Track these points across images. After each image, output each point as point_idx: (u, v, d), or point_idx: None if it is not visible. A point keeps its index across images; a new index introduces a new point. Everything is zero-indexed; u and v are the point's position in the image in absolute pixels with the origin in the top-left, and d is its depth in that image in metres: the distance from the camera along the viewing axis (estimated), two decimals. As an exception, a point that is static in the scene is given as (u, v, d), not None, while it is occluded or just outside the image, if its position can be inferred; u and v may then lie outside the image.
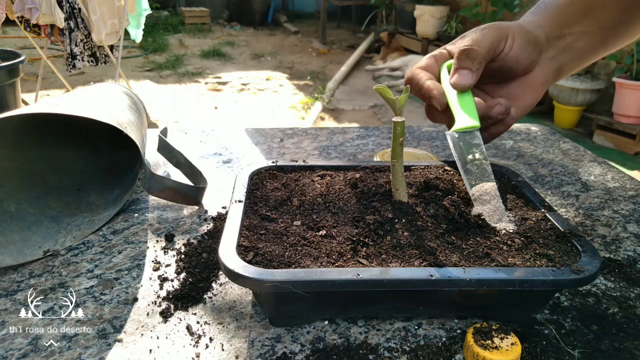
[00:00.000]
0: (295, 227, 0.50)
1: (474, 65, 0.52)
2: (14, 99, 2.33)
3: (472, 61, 0.52)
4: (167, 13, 7.24)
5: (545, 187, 0.79)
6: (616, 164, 1.49)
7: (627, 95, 3.17)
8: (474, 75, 0.52)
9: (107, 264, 0.58)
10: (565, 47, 0.57)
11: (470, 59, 0.52)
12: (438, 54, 0.58)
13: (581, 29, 0.57)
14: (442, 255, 0.46)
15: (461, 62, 0.52)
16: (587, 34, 0.57)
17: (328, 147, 0.93)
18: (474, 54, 0.52)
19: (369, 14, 6.59)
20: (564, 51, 0.57)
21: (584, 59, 0.60)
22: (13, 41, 4.81)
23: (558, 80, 0.60)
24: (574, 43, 0.57)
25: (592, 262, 0.45)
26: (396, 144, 0.51)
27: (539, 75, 0.56)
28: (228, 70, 5.10)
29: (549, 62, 0.57)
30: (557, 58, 0.57)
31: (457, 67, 0.53)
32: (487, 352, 0.42)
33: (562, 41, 0.57)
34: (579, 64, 0.60)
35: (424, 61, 0.58)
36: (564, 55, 0.57)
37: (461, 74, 0.52)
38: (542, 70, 0.57)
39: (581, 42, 0.57)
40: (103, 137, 0.76)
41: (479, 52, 0.52)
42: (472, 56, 0.52)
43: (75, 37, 2.82)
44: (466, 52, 0.52)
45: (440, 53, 0.59)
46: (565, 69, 0.59)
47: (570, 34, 0.57)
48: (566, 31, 0.57)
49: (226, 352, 0.45)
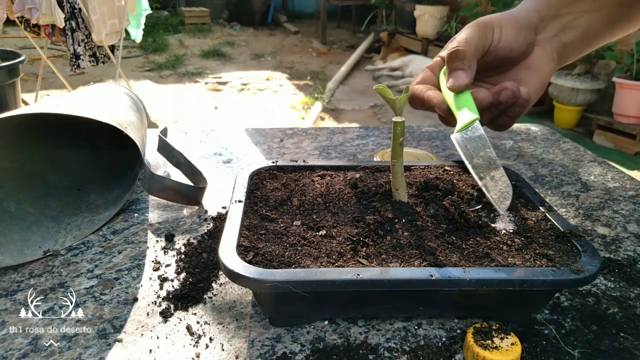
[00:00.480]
0: (295, 227, 0.50)
1: (465, 64, 0.53)
2: (14, 99, 2.33)
3: (461, 61, 0.53)
4: (167, 13, 7.24)
5: (545, 187, 0.79)
6: (616, 164, 1.50)
7: (627, 95, 3.17)
8: (468, 74, 0.53)
9: (107, 264, 0.58)
10: (565, 25, 0.57)
11: (459, 59, 0.53)
12: (433, 64, 0.59)
13: (580, 8, 0.57)
14: (442, 255, 0.46)
15: (452, 65, 0.53)
16: (589, 12, 0.57)
17: (328, 147, 0.93)
18: (461, 54, 0.53)
19: (369, 14, 6.59)
20: (565, 29, 0.57)
21: (591, 39, 0.59)
22: (13, 41, 4.81)
23: (568, 60, 0.60)
24: (574, 21, 0.57)
25: (592, 262, 0.45)
26: (396, 144, 0.51)
27: (541, 56, 0.56)
28: (228, 70, 5.10)
29: (550, 40, 0.57)
30: (558, 36, 0.57)
31: (450, 70, 0.54)
32: (487, 352, 0.42)
33: (560, 20, 0.57)
34: (587, 42, 0.59)
35: (420, 76, 0.59)
36: (565, 34, 0.57)
37: (454, 76, 0.53)
38: (544, 50, 0.57)
39: (582, 20, 0.57)
40: (103, 137, 0.76)
41: (467, 51, 0.52)
42: (461, 56, 0.52)
43: (77, 37, 2.83)
44: (454, 53, 0.53)
45: (435, 62, 0.59)
46: (571, 48, 0.58)
47: (569, 13, 0.57)
48: (563, 10, 0.57)
49: (226, 352, 0.45)
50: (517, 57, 0.56)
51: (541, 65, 0.56)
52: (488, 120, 0.55)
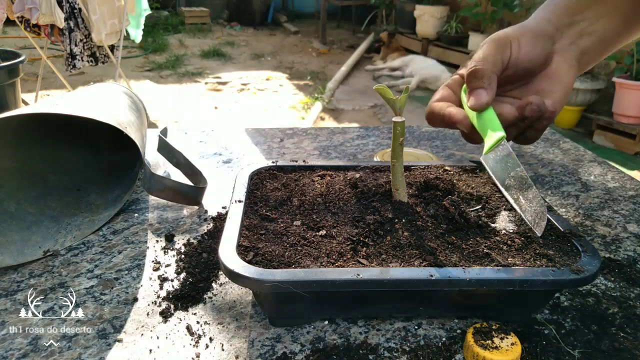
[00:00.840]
0: (295, 227, 0.50)
1: (485, 82, 0.53)
2: (14, 99, 2.33)
3: (480, 79, 0.52)
4: (167, 13, 7.24)
5: (545, 187, 0.79)
6: (616, 164, 1.50)
7: (627, 95, 3.17)
8: (488, 92, 0.53)
9: (107, 264, 0.58)
10: (581, 32, 0.57)
11: (478, 78, 0.53)
12: (451, 82, 0.59)
13: (594, 14, 0.57)
14: (442, 255, 0.46)
15: (472, 84, 0.53)
16: (603, 16, 0.57)
17: (328, 147, 0.93)
18: (480, 72, 0.52)
19: (369, 14, 6.59)
20: (582, 36, 0.57)
21: (610, 42, 0.59)
22: (13, 41, 4.81)
23: (588, 66, 0.60)
24: (589, 27, 0.57)
25: (592, 262, 0.45)
26: (396, 144, 0.51)
27: (561, 64, 0.56)
28: (228, 70, 5.10)
29: (568, 48, 0.57)
30: (575, 43, 0.57)
31: (470, 89, 0.54)
32: (487, 352, 0.42)
33: (575, 27, 0.57)
34: (605, 46, 0.59)
35: (439, 93, 0.59)
36: (583, 40, 0.57)
37: (475, 94, 0.53)
38: (563, 59, 0.56)
39: (598, 25, 0.57)
40: (103, 137, 0.76)
41: (486, 69, 0.52)
42: (480, 75, 0.52)
43: (74, 37, 2.82)
44: (473, 73, 0.53)
45: (453, 81, 0.59)
46: (590, 54, 0.58)
47: (583, 20, 0.57)
48: (578, 18, 0.57)
49: (226, 352, 0.45)
50: (537, 67, 0.56)
51: (562, 74, 0.56)
52: (514, 135, 0.55)
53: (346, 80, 4.84)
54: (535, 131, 0.55)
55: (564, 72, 0.56)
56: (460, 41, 4.99)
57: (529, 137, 0.55)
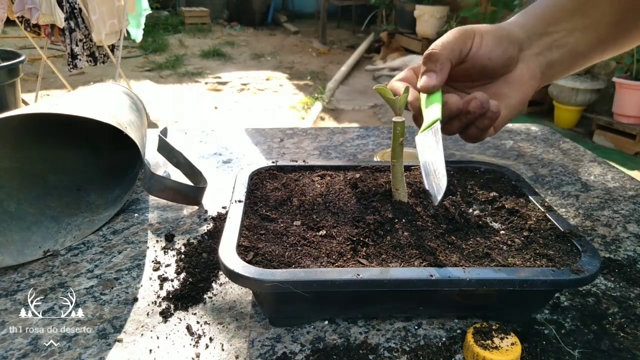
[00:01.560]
0: (295, 227, 0.50)
1: (437, 66, 0.54)
2: (14, 99, 2.33)
3: (434, 63, 0.54)
4: (167, 13, 7.24)
5: (545, 187, 0.79)
6: (616, 164, 1.50)
7: (627, 95, 3.17)
8: (438, 76, 0.54)
9: (107, 264, 0.58)
10: (551, 43, 0.57)
11: (432, 62, 0.54)
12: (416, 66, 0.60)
13: (569, 26, 0.56)
14: (442, 255, 0.46)
15: (426, 66, 0.55)
16: (578, 30, 0.56)
17: (328, 147, 0.93)
18: (435, 56, 0.54)
19: (369, 14, 6.59)
20: (551, 47, 0.57)
21: (579, 58, 0.59)
22: (13, 41, 4.81)
23: (553, 79, 0.60)
24: (562, 39, 0.57)
25: (592, 262, 0.45)
26: (396, 144, 0.51)
27: (524, 72, 0.56)
28: (228, 70, 5.10)
29: (534, 58, 0.57)
30: (543, 54, 0.57)
31: (422, 71, 0.55)
32: (487, 352, 0.42)
33: (547, 37, 0.57)
34: (574, 61, 0.59)
35: (401, 74, 0.59)
36: (552, 52, 0.57)
37: (425, 76, 0.54)
38: (527, 67, 0.57)
39: (572, 38, 0.57)
40: (103, 137, 0.76)
41: (441, 54, 0.54)
42: (434, 58, 0.54)
43: (75, 37, 2.83)
44: (429, 56, 0.55)
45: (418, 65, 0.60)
46: (557, 67, 0.58)
47: (557, 31, 0.56)
48: (552, 29, 0.57)
49: (226, 352, 0.45)
50: (497, 69, 0.56)
51: (522, 82, 0.56)
52: (458, 129, 0.55)
53: (346, 80, 4.84)
54: (478, 129, 0.55)
55: (525, 81, 0.56)
56: (460, 41, 4.99)
57: (471, 134, 0.55)
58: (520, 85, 0.56)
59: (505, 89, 0.56)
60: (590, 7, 0.56)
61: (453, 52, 0.54)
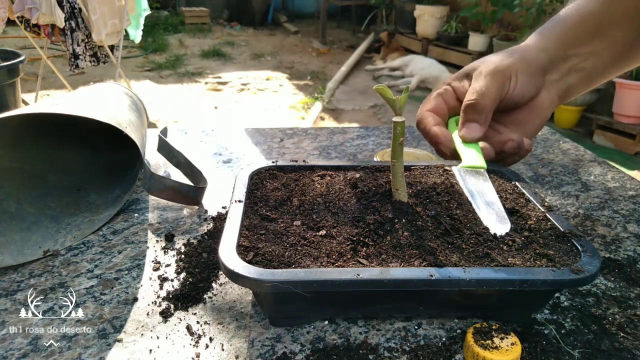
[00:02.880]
0: (295, 227, 0.50)
1: (482, 118, 0.54)
2: (14, 99, 2.33)
3: (479, 115, 0.53)
4: (167, 13, 7.24)
5: (545, 187, 0.79)
6: (616, 164, 1.49)
7: (627, 95, 3.17)
8: (482, 128, 0.54)
9: (107, 264, 0.58)
10: (571, 68, 0.57)
11: (477, 113, 0.53)
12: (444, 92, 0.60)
13: (589, 50, 0.56)
14: (442, 255, 0.46)
15: (469, 116, 0.54)
16: (596, 54, 0.56)
17: (328, 147, 0.93)
18: (480, 107, 0.53)
19: (369, 14, 6.59)
20: (570, 72, 0.57)
21: (594, 79, 0.59)
22: (13, 41, 4.81)
23: (567, 100, 0.60)
24: (580, 64, 0.56)
25: (592, 262, 0.45)
26: (396, 144, 0.51)
27: (545, 99, 0.57)
28: (228, 70, 5.10)
29: (555, 84, 0.57)
30: (563, 80, 0.57)
31: (465, 120, 0.54)
32: (487, 352, 0.42)
33: (567, 63, 0.56)
34: (589, 84, 0.59)
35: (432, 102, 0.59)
36: (570, 77, 0.57)
37: (469, 127, 0.54)
38: (548, 93, 0.57)
39: (589, 62, 0.56)
40: (103, 137, 0.76)
41: (485, 105, 0.53)
42: (479, 110, 0.53)
43: (76, 37, 2.83)
44: (472, 106, 0.54)
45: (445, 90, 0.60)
46: (573, 90, 0.58)
47: (577, 55, 0.56)
48: (572, 52, 0.56)
49: (226, 352, 0.45)
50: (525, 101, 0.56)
51: (543, 108, 0.57)
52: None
53: (346, 80, 4.84)
54: (506, 164, 0.56)
55: (545, 107, 0.57)
56: (460, 41, 4.99)
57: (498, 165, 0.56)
58: (540, 111, 0.57)
59: (526, 116, 0.57)
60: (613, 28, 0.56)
61: (495, 101, 0.54)
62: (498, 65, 0.55)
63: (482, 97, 0.53)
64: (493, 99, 0.53)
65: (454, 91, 0.59)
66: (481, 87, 0.54)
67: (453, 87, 0.59)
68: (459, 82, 0.58)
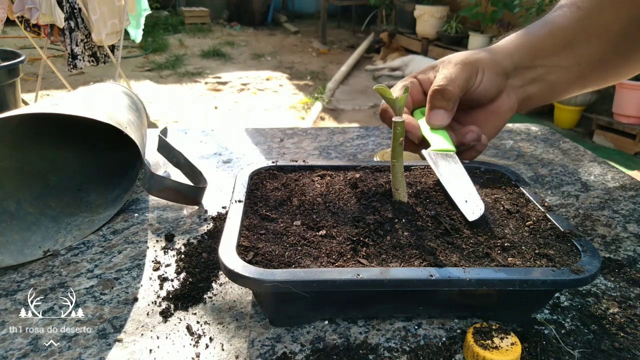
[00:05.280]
0: (295, 227, 0.50)
1: (449, 105, 0.54)
2: (14, 99, 2.33)
3: (447, 101, 0.54)
4: (167, 13, 7.24)
5: (545, 187, 0.79)
6: (616, 164, 1.49)
7: (627, 95, 3.17)
8: (449, 114, 0.54)
9: (107, 264, 0.58)
10: (534, 78, 0.57)
11: (445, 99, 0.54)
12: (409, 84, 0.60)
13: (555, 63, 0.57)
14: (442, 255, 0.46)
15: (437, 102, 0.54)
16: (562, 68, 0.57)
17: (328, 147, 0.93)
18: (448, 94, 0.53)
19: (369, 14, 6.59)
20: (533, 82, 0.58)
21: (557, 92, 0.59)
22: (13, 41, 4.81)
23: (527, 109, 0.61)
24: (545, 75, 0.57)
25: (592, 262, 0.45)
26: (396, 144, 0.51)
27: (504, 103, 0.58)
28: (228, 70, 5.10)
29: (515, 90, 0.58)
30: (524, 88, 0.58)
31: (432, 106, 0.54)
32: (487, 352, 0.42)
33: (531, 72, 0.57)
34: (551, 96, 0.60)
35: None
36: (532, 86, 0.58)
37: (437, 114, 0.54)
38: (508, 98, 0.58)
39: (553, 75, 0.57)
40: (103, 137, 0.76)
41: (453, 92, 0.53)
42: (447, 96, 0.53)
43: (75, 37, 2.82)
44: (441, 92, 0.54)
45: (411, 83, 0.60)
46: (534, 99, 0.59)
47: (542, 66, 0.57)
48: (538, 62, 0.57)
49: (226, 352, 0.45)
50: (485, 101, 0.57)
51: (501, 112, 0.58)
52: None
53: (346, 80, 4.84)
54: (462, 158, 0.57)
55: (503, 111, 0.58)
56: (460, 41, 4.99)
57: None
58: (499, 115, 0.58)
59: (484, 117, 0.58)
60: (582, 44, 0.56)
61: (462, 89, 0.54)
62: (468, 57, 0.55)
63: (450, 83, 0.53)
64: (461, 87, 0.53)
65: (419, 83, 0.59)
66: (450, 74, 0.54)
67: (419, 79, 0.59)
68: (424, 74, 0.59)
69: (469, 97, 0.56)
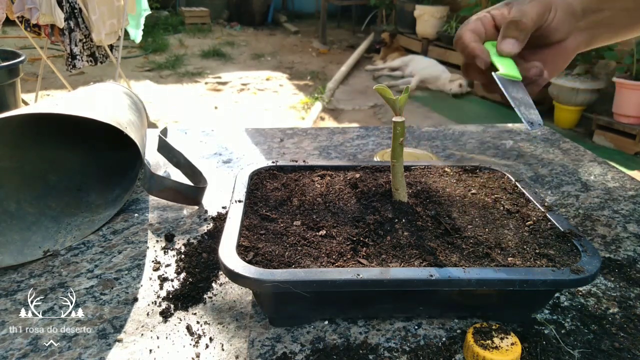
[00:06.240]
0: (295, 227, 0.50)
1: (521, 35, 0.57)
2: (14, 99, 2.33)
3: (520, 32, 0.56)
4: (167, 13, 7.24)
5: (545, 187, 0.79)
6: (616, 164, 1.48)
7: (627, 95, 3.17)
8: (520, 45, 0.57)
9: (107, 264, 0.58)
10: (602, 20, 0.60)
11: (518, 30, 0.56)
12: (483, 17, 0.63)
13: (623, 5, 0.59)
14: (442, 255, 0.46)
15: (509, 32, 0.57)
16: (629, 10, 0.59)
17: (328, 147, 0.93)
18: (522, 25, 0.56)
19: (369, 14, 6.59)
20: (600, 25, 0.60)
21: (620, 34, 0.62)
22: (13, 41, 4.80)
23: (588, 48, 0.63)
24: (609, 18, 0.60)
25: (592, 262, 0.45)
26: (396, 144, 0.51)
27: (572, 43, 0.60)
28: (228, 70, 5.09)
29: (582, 32, 0.60)
30: (590, 30, 0.60)
31: (505, 35, 0.57)
32: (487, 352, 0.42)
33: (598, 14, 0.60)
34: (614, 37, 0.62)
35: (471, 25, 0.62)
36: (598, 29, 0.60)
37: (508, 42, 0.57)
38: (575, 39, 0.60)
39: (618, 18, 0.60)
40: (103, 137, 0.76)
41: (527, 24, 0.57)
42: (521, 27, 0.56)
43: (75, 37, 2.82)
44: (515, 23, 0.57)
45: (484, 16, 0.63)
46: (598, 41, 0.62)
47: (610, 9, 0.59)
48: (606, 6, 0.59)
49: (226, 352, 0.45)
50: (555, 40, 0.59)
51: (567, 52, 0.60)
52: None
53: (346, 80, 4.84)
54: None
55: (570, 52, 0.60)
56: (460, 41, 4.98)
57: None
58: (565, 55, 0.60)
59: (551, 57, 0.60)
60: None
61: (534, 24, 0.57)
62: None
63: (524, 16, 0.57)
64: (534, 21, 0.57)
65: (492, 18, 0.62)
66: (525, 9, 0.58)
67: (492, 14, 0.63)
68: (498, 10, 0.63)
69: (540, 34, 0.58)
